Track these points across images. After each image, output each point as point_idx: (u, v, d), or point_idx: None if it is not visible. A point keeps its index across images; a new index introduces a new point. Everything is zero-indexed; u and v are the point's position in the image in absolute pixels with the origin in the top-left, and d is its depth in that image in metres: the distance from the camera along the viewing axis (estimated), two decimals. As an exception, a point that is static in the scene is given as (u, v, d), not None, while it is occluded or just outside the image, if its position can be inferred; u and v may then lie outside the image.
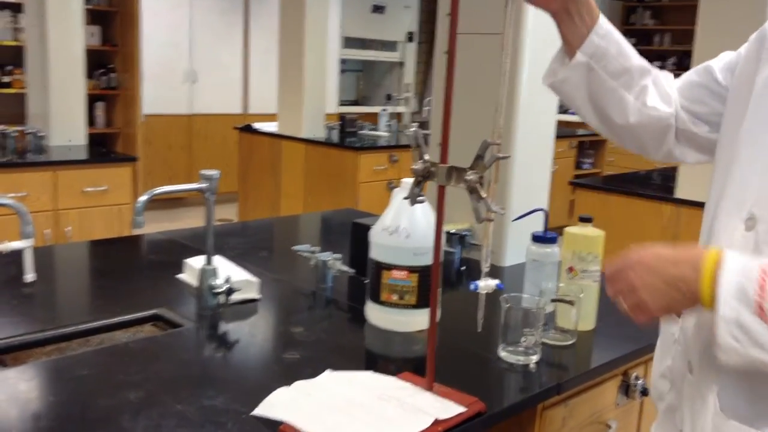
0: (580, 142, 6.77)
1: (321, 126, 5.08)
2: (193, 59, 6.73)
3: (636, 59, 1.15)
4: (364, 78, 8.51)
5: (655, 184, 4.08)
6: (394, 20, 8.00)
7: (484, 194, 1.06)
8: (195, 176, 1.50)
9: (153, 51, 6.32)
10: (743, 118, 1.01)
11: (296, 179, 5.01)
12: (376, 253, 1.48)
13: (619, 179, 4.27)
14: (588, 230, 1.55)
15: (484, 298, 1.15)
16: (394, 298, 1.46)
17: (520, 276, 1.99)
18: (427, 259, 1.45)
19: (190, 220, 6.22)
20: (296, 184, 5.01)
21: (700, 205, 3.25)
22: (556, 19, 1.14)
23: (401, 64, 8.23)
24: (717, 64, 1.15)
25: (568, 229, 1.56)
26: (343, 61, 7.77)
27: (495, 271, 2.00)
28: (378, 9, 7.79)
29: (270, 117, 5.67)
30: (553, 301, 1.49)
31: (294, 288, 1.75)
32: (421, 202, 1.16)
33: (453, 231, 2.03)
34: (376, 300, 1.48)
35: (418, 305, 1.46)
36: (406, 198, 1.17)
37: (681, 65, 8.16)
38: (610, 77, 1.13)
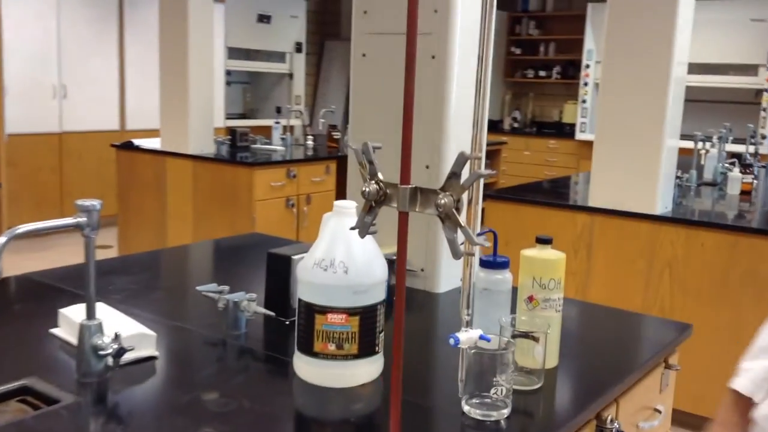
0: (475, 152, 6.71)
1: (210, 141, 4.71)
2: (62, 73, 6.16)
3: None
4: (251, 90, 8.15)
5: (560, 193, 4.02)
6: (281, 30, 7.71)
7: (463, 222, 0.82)
8: (67, 200, 1.18)
9: (16, 64, 5.72)
10: None
11: (184, 200, 4.62)
12: (306, 294, 1.21)
13: (525, 189, 4.17)
14: (548, 253, 1.34)
15: (465, 354, 0.91)
16: (331, 347, 1.19)
17: (457, 304, 1.77)
18: (369, 298, 1.20)
19: (64, 249, 5.65)
20: (184, 205, 4.62)
21: (614, 213, 3.15)
22: None
23: (290, 75, 7.94)
24: None
25: (525, 253, 1.35)
26: (228, 73, 7.38)
27: (430, 300, 1.78)
28: (264, 18, 7.47)
29: (151, 133, 5.24)
30: (515, 337, 1.27)
31: (199, 337, 1.44)
32: (374, 233, 0.92)
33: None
34: (308, 351, 1.21)
35: (360, 355, 1.20)
36: (354, 228, 0.92)
37: (566, 74, 8.33)
38: None
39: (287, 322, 1.48)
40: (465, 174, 0.83)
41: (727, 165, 4.26)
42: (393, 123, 1.63)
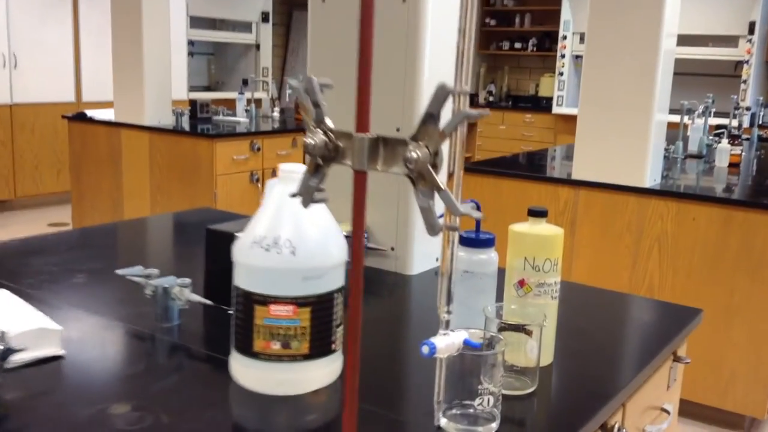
0: (450, 126, 6.48)
1: (167, 112, 4.41)
2: (12, 41, 5.78)
3: None
4: (216, 62, 7.81)
5: (539, 166, 3.81)
6: (247, -1, 7.36)
7: (443, 184, 0.58)
8: (20, 176, 0.92)
9: (-40, 30, 5.35)
10: None
11: (141, 174, 4.33)
12: (244, 280, 0.97)
13: (502, 162, 3.95)
14: (542, 228, 1.12)
15: (444, 366, 0.67)
16: (275, 346, 0.95)
17: (433, 288, 1.54)
18: (323, 285, 0.96)
19: (18, 227, 5.34)
20: (141, 181, 4.33)
21: (599, 186, 2.94)
22: None
23: (257, 46, 7.60)
24: None
25: (515, 228, 1.12)
26: (191, 43, 7.03)
27: (402, 282, 1.55)
28: (228, -14, 7.12)
29: (109, 105, 4.92)
30: (503, 330, 1.04)
31: (121, 331, 1.19)
32: (322, 201, 0.68)
33: (345, 233, 1.54)
34: (247, 351, 0.97)
35: (311, 355, 0.96)
36: (295, 195, 0.68)
37: (542, 46, 8.10)
38: None
39: (230, 312, 1.24)
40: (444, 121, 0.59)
41: (712, 137, 4.07)
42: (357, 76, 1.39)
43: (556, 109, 7.52)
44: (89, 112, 4.69)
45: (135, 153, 4.32)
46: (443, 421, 0.91)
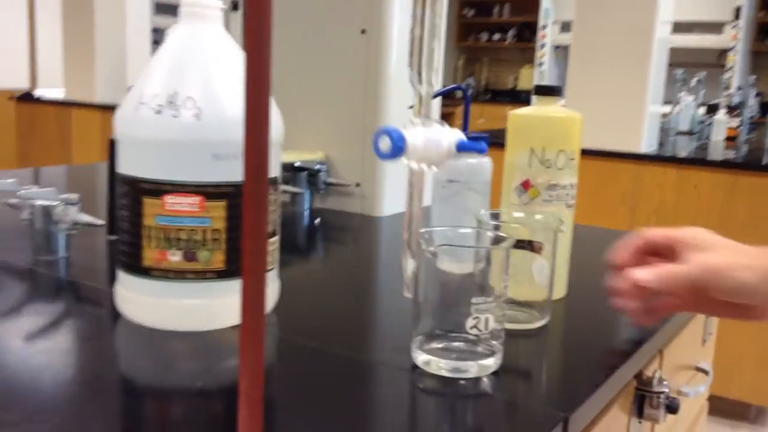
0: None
1: (123, 90, 4.08)
2: (-38, 23, 5.43)
3: None
4: (183, 53, 7.48)
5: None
6: (215, -14, 7.05)
7: None
8: None
9: None
10: None
11: (92, 158, 3.99)
12: (127, 162, 0.67)
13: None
14: (553, 109, 0.83)
15: (417, 189, 0.38)
16: (175, 258, 0.65)
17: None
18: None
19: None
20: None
21: (588, 153, 2.68)
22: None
23: (225, 35, 7.29)
24: None
25: (517, 112, 0.83)
26: (156, 31, 6.70)
27: (369, 225, 1.25)
28: (194, -29, 6.80)
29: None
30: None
31: (-11, 266, 0.89)
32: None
33: (299, 164, 1.25)
34: (134, 268, 0.67)
35: (229, 272, 0.67)
36: None
37: (521, 37, 7.88)
38: None
39: (138, 244, 0.94)
40: None
41: (704, 115, 3.83)
42: None
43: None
44: (38, 92, 4.35)
45: (86, 134, 3.98)
46: (422, 358, 0.62)
